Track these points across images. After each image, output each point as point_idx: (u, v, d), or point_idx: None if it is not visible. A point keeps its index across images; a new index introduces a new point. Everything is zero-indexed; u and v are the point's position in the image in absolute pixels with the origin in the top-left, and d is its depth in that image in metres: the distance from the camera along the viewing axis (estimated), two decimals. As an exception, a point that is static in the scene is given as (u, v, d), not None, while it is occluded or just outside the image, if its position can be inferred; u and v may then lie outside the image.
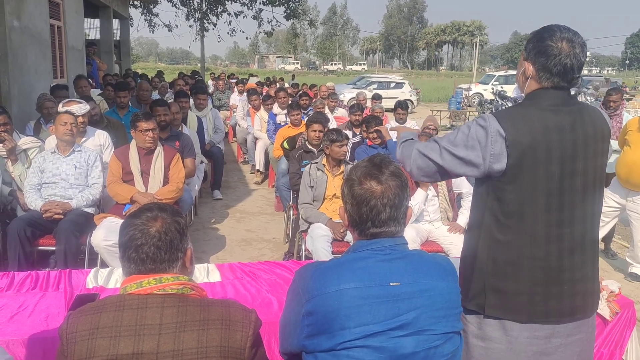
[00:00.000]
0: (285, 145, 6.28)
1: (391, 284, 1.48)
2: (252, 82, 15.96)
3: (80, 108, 4.60)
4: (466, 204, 4.38)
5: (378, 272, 1.50)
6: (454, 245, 4.04)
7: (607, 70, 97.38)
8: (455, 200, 4.36)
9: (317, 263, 1.61)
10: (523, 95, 1.92)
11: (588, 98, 19.29)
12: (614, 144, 5.35)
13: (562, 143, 1.76)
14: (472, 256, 1.91)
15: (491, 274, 1.85)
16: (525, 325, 1.83)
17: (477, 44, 51.96)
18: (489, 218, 1.86)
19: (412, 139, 2.11)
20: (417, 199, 4.11)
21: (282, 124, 7.84)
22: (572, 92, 1.97)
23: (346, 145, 4.48)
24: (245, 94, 10.61)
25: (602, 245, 5.48)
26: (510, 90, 18.92)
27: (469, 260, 1.93)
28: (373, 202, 1.54)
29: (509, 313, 1.83)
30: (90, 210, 4.17)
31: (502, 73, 26.92)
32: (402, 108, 7.43)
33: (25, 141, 4.57)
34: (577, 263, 1.85)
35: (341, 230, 4.07)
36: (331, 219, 4.20)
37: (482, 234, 1.88)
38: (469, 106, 20.78)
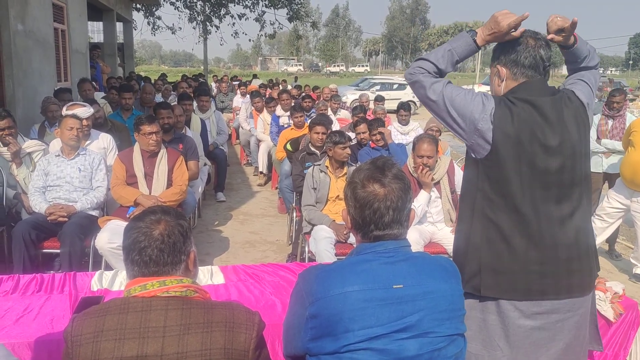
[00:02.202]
0: (289, 147, 6.29)
1: (394, 286, 1.48)
2: (254, 84, 15.97)
3: (84, 111, 4.62)
4: None
5: (381, 274, 1.50)
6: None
7: (611, 71, 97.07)
8: (458, 202, 4.36)
9: (320, 266, 1.61)
10: None
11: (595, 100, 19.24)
12: (618, 144, 5.35)
13: (545, 126, 1.86)
14: (466, 239, 1.97)
15: (486, 254, 1.90)
16: (522, 303, 1.88)
17: (480, 45, 51.78)
18: (480, 199, 1.93)
19: (434, 63, 1.99)
20: (420, 201, 4.12)
21: (285, 126, 7.84)
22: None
23: (349, 147, 4.49)
24: (248, 96, 10.63)
25: (606, 246, 5.47)
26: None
27: (463, 244, 1.99)
28: (376, 205, 1.54)
29: (505, 292, 1.88)
30: (94, 213, 4.19)
31: (505, 74, 26.85)
32: (404, 109, 7.43)
33: (29, 144, 4.59)
34: (572, 241, 1.90)
35: (344, 232, 4.07)
36: (334, 220, 4.20)
37: (475, 216, 1.94)
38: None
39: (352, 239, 4.04)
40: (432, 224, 4.27)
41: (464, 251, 1.97)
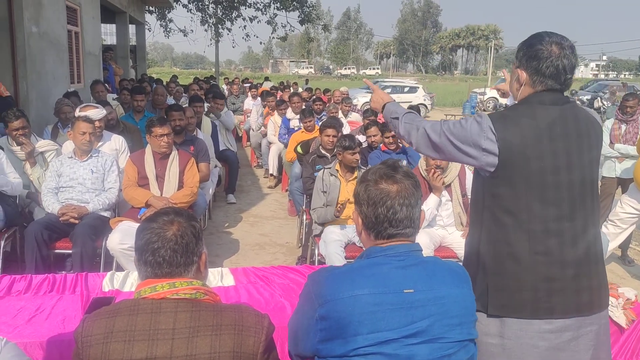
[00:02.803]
0: (299, 149, 6.30)
1: (405, 290, 1.48)
2: (266, 86, 16.02)
3: (97, 113, 4.67)
4: None
5: (392, 278, 1.50)
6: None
7: (625, 75, 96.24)
8: (469, 205, 4.33)
9: (330, 268, 1.61)
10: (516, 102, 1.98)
11: (605, 102, 19.09)
12: (632, 149, 5.30)
13: (554, 138, 1.81)
14: (475, 256, 1.93)
15: (493, 273, 1.86)
16: (533, 321, 1.83)
17: (492, 47, 51.59)
18: (487, 216, 1.90)
19: (410, 112, 2.17)
20: (430, 204, 4.10)
21: (296, 128, 7.86)
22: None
23: (359, 152, 4.48)
24: (259, 98, 10.68)
25: (619, 252, 5.42)
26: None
27: (473, 259, 1.95)
28: (389, 203, 1.56)
29: (512, 311, 1.83)
30: (106, 214, 4.22)
31: (517, 77, 26.62)
32: None
33: (42, 144, 4.64)
34: (581, 258, 1.85)
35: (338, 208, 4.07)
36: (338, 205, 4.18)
37: (483, 233, 1.91)
38: (484, 110, 20.67)
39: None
40: (442, 227, 4.25)
41: (475, 266, 1.93)
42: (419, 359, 1.44)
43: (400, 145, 5.59)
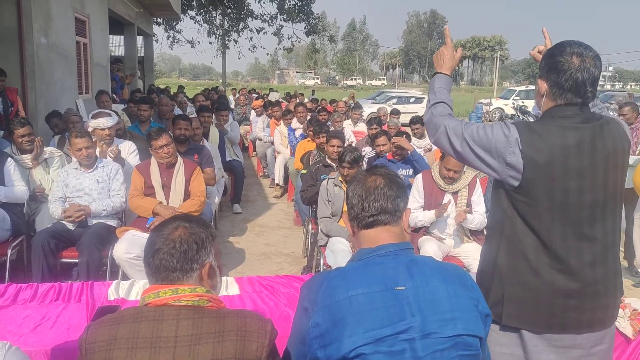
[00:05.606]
0: (303, 170, 6.32)
1: (397, 288, 1.50)
2: (271, 97, 16.10)
3: (107, 120, 4.77)
4: (479, 209, 4.30)
5: (384, 276, 1.52)
6: (475, 260, 4.01)
7: (631, 85, 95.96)
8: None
9: (323, 273, 1.64)
10: (540, 112, 1.92)
11: (611, 113, 19.06)
12: (631, 158, 5.28)
13: (581, 158, 1.77)
14: (492, 265, 1.92)
15: (511, 284, 1.86)
16: (544, 335, 1.84)
17: (498, 58, 51.60)
18: (509, 228, 1.87)
19: (443, 102, 2.06)
20: (425, 216, 4.13)
21: (300, 138, 7.91)
22: (598, 109, 2.01)
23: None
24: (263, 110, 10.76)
25: (625, 263, 5.37)
26: (531, 105, 18.78)
27: (489, 268, 1.94)
28: (365, 193, 1.62)
29: (526, 323, 1.84)
30: (112, 223, 4.24)
31: (523, 88, 26.63)
32: (414, 123, 7.47)
33: (46, 150, 4.75)
34: (599, 277, 1.84)
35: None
36: None
37: (502, 243, 1.89)
38: (490, 121, 20.66)
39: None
40: (449, 236, 4.24)
41: (490, 275, 1.92)
42: (414, 354, 1.45)
43: (407, 154, 5.58)
